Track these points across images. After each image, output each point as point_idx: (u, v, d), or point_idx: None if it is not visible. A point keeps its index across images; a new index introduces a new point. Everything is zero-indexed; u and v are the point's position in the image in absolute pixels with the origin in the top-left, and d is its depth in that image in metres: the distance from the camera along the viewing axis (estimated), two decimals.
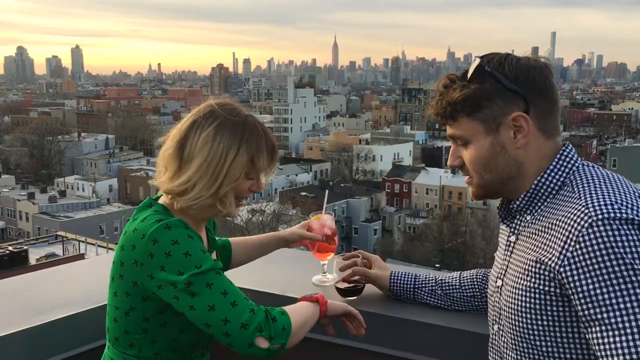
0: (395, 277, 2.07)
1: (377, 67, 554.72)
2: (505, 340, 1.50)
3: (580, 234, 1.27)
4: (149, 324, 1.65)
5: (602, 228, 1.25)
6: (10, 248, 31.23)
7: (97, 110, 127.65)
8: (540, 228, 1.41)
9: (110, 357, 1.73)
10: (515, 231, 1.51)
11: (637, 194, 1.34)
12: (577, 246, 1.27)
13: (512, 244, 1.51)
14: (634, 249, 1.23)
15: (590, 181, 1.38)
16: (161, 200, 1.72)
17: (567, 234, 1.31)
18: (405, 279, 2.06)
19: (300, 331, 1.63)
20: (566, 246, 1.30)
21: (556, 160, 1.46)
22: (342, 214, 54.99)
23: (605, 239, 1.24)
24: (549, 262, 1.33)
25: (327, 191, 2.82)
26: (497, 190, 1.53)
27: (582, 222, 1.28)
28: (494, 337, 1.58)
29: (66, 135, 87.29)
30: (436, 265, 37.75)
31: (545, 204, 1.44)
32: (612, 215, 1.25)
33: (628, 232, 1.24)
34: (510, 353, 1.48)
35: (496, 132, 1.45)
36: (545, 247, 1.36)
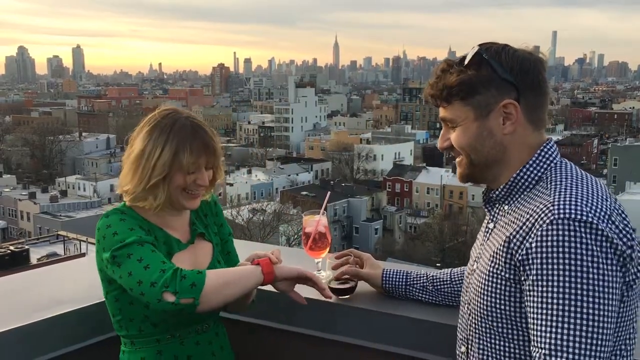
0: (388, 275, 2.10)
1: (378, 67, 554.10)
2: (471, 320, 1.58)
3: (541, 229, 1.35)
4: (121, 304, 1.86)
5: (560, 227, 1.32)
6: (11, 248, 31.29)
7: (98, 110, 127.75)
8: (512, 219, 1.49)
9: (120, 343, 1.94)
10: (494, 219, 1.59)
11: (604, 196, 1.40)
12: (537, 239, 1.35)
13: (489, 231, 1.59)
14: (583, 251, 1.30)
15: (563, 180, 1.44)
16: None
17: (531, 227, 1.38)
18: (398, 276, 2.09)
19: (225, 289, 1.75)
20: (528, 238, 1.38)
21: (536, 155, 1.51)
22: (343, 214, 55.01)
23: (561, 237, 1.31)
24: (511, 251, 1.41)
25: (329, 192, 2.84)
26: (482, 172, 1.58)
27: (545, 219, 1.35)
28: (462, 316, 1.65)
29: (67, 135, 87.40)
30: (437, 264, 37.73)
31: (522, 195, 1.51)
32: (572, 216, 1.32)
33: (583, 234, 1.31)
34: (474, 332, 1.56)
35: (486, 118, 1.51)
36: (512, 236, 1.43)
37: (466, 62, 1.51)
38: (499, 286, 1.45)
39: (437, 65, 1.59)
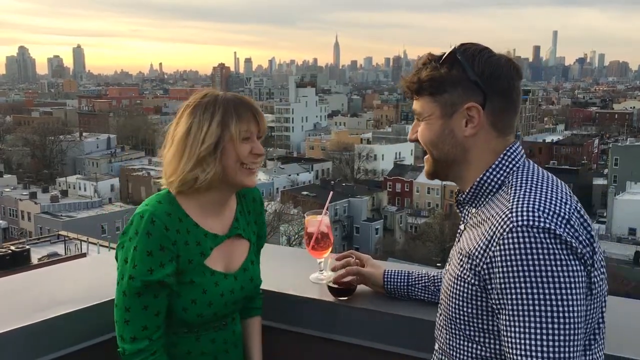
0: (389, 275, 2.10)
1: (378, 67, 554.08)
2: (442, 319, 1.60)
3: (501, 237, 1.36)
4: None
5: (519, 234, 1.33)
6: (12, 248, 31.30)
7: (99, 110, 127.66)
8: (477, 222, 1.50)
9: None
10: (464, 220, 1.61)
11: (563, 199, 1.41)
12: (498, 247, 1.36)
13: (461, 232, 1.60)
14: (545, 256, 1.32)
15: (523, 184, 1.45)
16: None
17: (492, 234, 1.39)
18: (399, 276, 2.08)
19: None
20: (490, 245, 1.39)
21: (499, 159, 1.52)
22: (343, 213, 55.00)
23: (522, 245, 1.33)
24: (475, 257, 1.43)
25: (331, 192, 2.84)
26: (445, 170, 1.60)
27: (504, 226, 1.36)
28: (437, 315, 1.66)
29: (68, 135, 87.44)
30: (437, 264, 37.72)
31: (487, 199, 1.52)
32: (530, 223, 1.33)
33: (542, 240, 1.32)
34: (445, 333, 1.58)
35: (450, 117, 1.52)
36: (475, 242, 1.45)
37: (442, 60, 1.52)
38: (465, 290, 1.47)
39: (420, 58, 1.61)
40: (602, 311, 1.47)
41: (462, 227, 1.61)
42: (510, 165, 1.52)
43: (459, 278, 1.49)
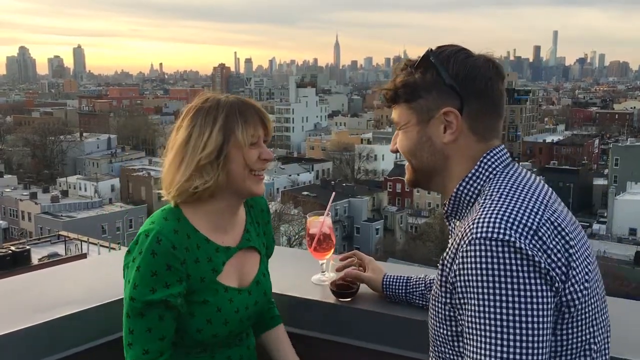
0: (388, 282, 2.08)
1: (378, 67, 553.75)
2: (430, 335, 1.54)
3: (463, 249, 1.30)
4: None
5: (476, 247, 1.27)
6: (12, 248, 31.31)
7: (99, 110, 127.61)
8: (455, 234, 1.42)
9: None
10: (451, 233, 1.55)
11: (534, 209, 1.32)
12: (460, 260, 1.31)
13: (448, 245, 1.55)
14: (501, 271, 1.24)
15: (494, 193, 1.37)
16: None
17: (457, 246, 1.34)
18: (398, 283, 2.07)
19: None
20: (455, 258, 1.34)
21: (475, 167, 1.45)
22: (344, 214, 54.99)
23: (478, 258, 1.26)
24: (445, 270, 1.39)
25: (334, 193, 2.84)
26: (426, 180, 1.54)
27: (465, 239, 1.31)
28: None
29: (68, 135, 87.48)
30: (437, 264, 37.69)
31: (467, 210, 1.46)
32: (488, 235, 1.26)
33: (500, 253, 1.25)
34: (432, 347, 1.53)
35: (426, 124, 1.46)
36: (447, 254, 1.40)
37: (416, 64, 1.47)
38: (440, 311, 1.42)
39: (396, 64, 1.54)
40: (595, 331, 1.37)
41: (450, 240, 1.54)
42: (487, 173, 1.44)
43: (435, 297, 1.45)
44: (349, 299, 2.13)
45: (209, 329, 1.73)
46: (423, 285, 2.03)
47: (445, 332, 1.42)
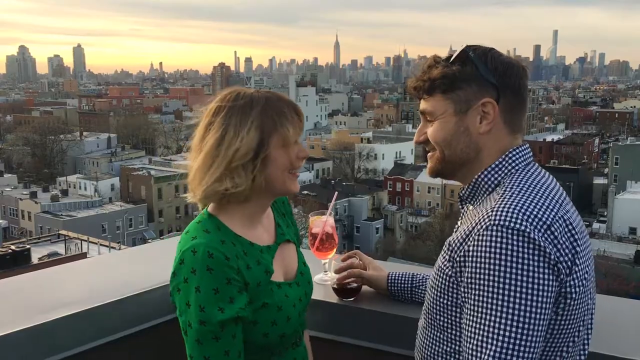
0: (393, 278, 2.09)
1: (378, 66, 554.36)
2: (424, 308, 1.63)
3: (477, 233, 1.39)
4: None
5: (492, 233, 1.36)
6: (12, 247, 31.26)
7: (99, 110, 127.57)
8: (467, 218, 1.54)
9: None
10: (462, 216, 1.62)
11: (550, 207, 1.40)
12: (472, 243, 1.39)
13: (457, 228, 1.60)
14: (513, 257, 1.33)
15: (514, 187, 1.46)
16: (209, 208, 1.70)
17: (471, 229, 1.43)
18: (403, 279, 2.08)
19: None
20: (467, 239, 1.43)
21: (499, 160, 1.53)
22: (344, 213, 54.99)
23: (493, 243, 1.35)
24: (454, 249, 1.47)
25: (336, 193, 2.84)
26: (454, 169, 1.59)
27: (482, 224, 1.39)
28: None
29: (68, 135, 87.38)
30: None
31: (484, 198, 1.53)
32: (505, 223, 1.35)
33: (514, 241, 1.33)
34: (424, 320, 1.63)
35: (464, 114, 1.53)
36: (458, 235, 1.48)
37: (452, 59, 1.54)
38: (443, 281, 1.50)
39: (425, 60, 1.60)
40: (578, 327, 1.46)
41: (459, 222, 1.62)
42: (509, 167, 1.52)
43: (439, 269, 1.52)
44: (352, 299, 2.13)
45: (275, 330, 1.67)
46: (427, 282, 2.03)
47: (445, 301, 1.50)
